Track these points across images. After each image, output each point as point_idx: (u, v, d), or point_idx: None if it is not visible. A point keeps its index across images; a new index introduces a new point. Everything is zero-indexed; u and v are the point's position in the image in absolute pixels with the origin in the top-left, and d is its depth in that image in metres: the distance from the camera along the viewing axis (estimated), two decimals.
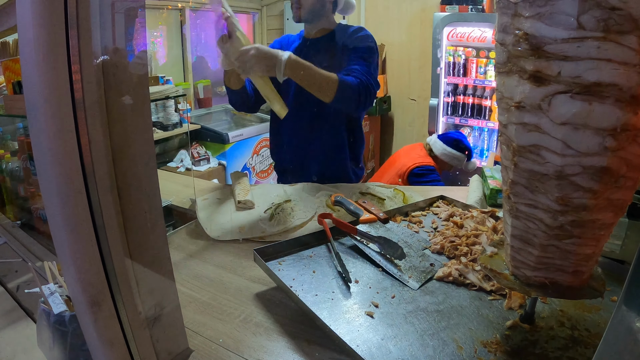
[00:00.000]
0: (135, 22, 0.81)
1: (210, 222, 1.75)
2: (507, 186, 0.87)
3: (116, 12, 0.79)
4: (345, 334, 1.03)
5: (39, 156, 0.74)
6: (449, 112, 4.96)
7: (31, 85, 0.70)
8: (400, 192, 2.02)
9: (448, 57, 4.75)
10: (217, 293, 1.31)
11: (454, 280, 1.24)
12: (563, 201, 0.78)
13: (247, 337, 1.12)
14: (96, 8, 0.74)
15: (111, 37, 0.77)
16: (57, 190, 0.73)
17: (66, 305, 0.99)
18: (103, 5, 0.76)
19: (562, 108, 0.71)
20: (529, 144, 0.78)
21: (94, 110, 0.75)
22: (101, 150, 0.77)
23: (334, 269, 1.32)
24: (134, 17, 0.81)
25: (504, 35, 0.77)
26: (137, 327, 0.88)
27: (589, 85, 0.68)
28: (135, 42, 0.81)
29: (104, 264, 0.80)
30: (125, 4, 0.81)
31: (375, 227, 1.51)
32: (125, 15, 0.80)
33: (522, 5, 0.72)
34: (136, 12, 0.82)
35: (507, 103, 0.80)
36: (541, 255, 0.87)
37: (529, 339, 1.01)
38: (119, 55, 0.79)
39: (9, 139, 2.18)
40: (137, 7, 0.83)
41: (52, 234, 0.78)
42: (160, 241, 0.92)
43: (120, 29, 0.79)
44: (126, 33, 0.80)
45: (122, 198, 0.83)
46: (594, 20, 0.64)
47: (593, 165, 0.73)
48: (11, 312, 1.30)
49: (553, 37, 0.69)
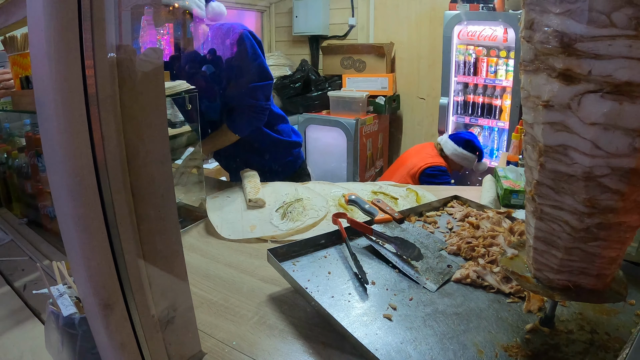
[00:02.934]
0: (151, 17, 0.80)
1: (221, 221, 1.73)
2: (531, 187, 0.85)
3: (132, 5, 0.77)
4: (364, 337, 1.01)
5: (50, 153, 0.72)
6: (459, 111, 4.93)
7: (42, 79, 0.69)
8: (413, 191, 2.01)
9: (458, 55, 4.73)
10: (230, 294, 1.30)
11: (471, 282, 1.22)
12: (590, 203, 0.76)
13: (261, 339, 1.10)
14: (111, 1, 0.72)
15: (127, 31, 0.76)
16: (69, 189, 0.72)
17: (76, 307, 0.97)
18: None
19: (592, 108, 0.69)
20: (556, 144, 0.76)
21: (108, 106, 0.73)
22: (114, 148, 0.75)
23: (349, 270, 1.30)
24: (150, 11, 0.79)
25: (531, 32, 0.75)
26: (149, 330, 0.87)
27: (619, 84, 0.66)
28: (150, 37, 0.79)
29: (116, 265, 0.78)
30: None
31: (390, 227, 1.49)
32: (140, 9, 0.78)
33: (552, 1, 0.70)
34: (151, 7, 0.80)
35: (534, 102, 0.77)
36: (565, 257, 0.85)
37: (549, 343, 1.00)
38: (134, 50, 0.77)
39: (16, 135, 2.17)
40: (152, 1, 0.81)
41: (62, 233, 0.77)
42: (174, 242, 0.91)
43: (136, 23, 0.78)
44: (142, 27, 0.78)
45: (135, 197, 0.81)
46: (626, 18, 0.63)
47: (622, 167, 0.71)
48: (18, 311, 1.28)
49: (584, 34, 0.66)
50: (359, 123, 4.95)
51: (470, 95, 4.80)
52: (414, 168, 3.41)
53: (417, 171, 3.38)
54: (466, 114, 4.88)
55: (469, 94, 4.82)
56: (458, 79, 4.81)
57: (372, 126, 5.22)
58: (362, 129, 5.01)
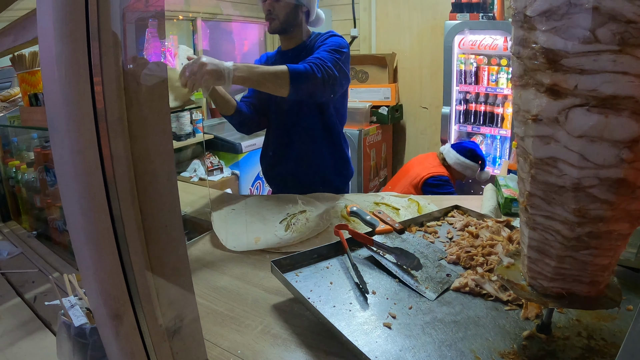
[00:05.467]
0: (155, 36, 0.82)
1: (226, 233, 1.76)
2: (524, 198, 0.87)
3: (136, 25, 0.80)
4: (364, 346, 1.03)
5: (61, 170, 0.74)
6: (461, 120, 4.94)
7: (53, 99, 0.71)
8: (415, 201, 2.03)
9: (460, 65, 4.75)
10: (235, 304, 1.32)
11: (470, 291, 1.24)
12: (580, 213, 0.78)
13: (265, 348, 1.12)
14: (117, 20, 0.75)
15: (132, 50, 0.78)
16: (80, 205, 0.74)
17: (87, 317, 1.00)
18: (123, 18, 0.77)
19: (579, 121, 0.71)
20: (546, 157, 0.78)
21: (116, 125, 0.76)
22: (123, 165, 0.78)
23: (350, 280, 1.32)
24: (154, 30, 0.82)
25: (520, 48, 0.78)
26: (157, 339, 0.89)
27: (605, 98, 0.68)
28: (154, 56, 0.82)
29: (126, 278, 0.81)
30: (145, 17, 0.82)
31: (391, 237, 1.51)
32: (144, 28, 0.81)
33: (539, 19, 0.72)
34: (155, 26, 0.83)
35: (524, 116, 0.80)
36: (558, 266, 0.87)
37: (546, 349, 1.01)
38: (139, 70, 0.80)
39: (24, 150, 2.20)
40: (156, 21, 0.84)
41: (74, 248, 0.79)
42: (180, 254, 0.93)
43: (140, 42, 0.80)
44: (146, 47, 0.81)
45: (143, 212, 0.83)
46: (610, 34, 0.65)
47: (610, 177, 0.73)
48: (29, 323, 1.31)
49: (569, 50, 0.69)
50: (362, 133, 4.96)
51: (472, 104, 4.81)
52: (416, 178, 3.42)
53: (419, 181, 3.38)
54: (468, 122, 4.89)
55: (470, 103, 4.83)
56: (460, 88, 4.82)
57: (376, 136, 5.23)
58: (365, 139, 5.02)
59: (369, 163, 5.21)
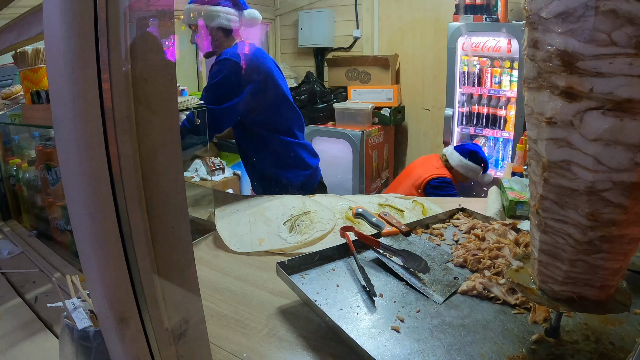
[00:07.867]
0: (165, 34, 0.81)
1: (229, 234, 1.75)
2: (535, 201, 0.87)
3: (144, 23, 0.79)
4: (373, 349, 1.02)
5: (67, 170, 0.73)
6: (464, 122, 4.94)
7: (59, 97, 0.70)
8: (419, 203, 2.02)
9: (462, 66, 4.74)
10: (240, 306, 1.31)
11: (478, 294, 1.23)
12: (593, 217, 0.77)
13: (271, 351, 1.11)
14: (126, 17, 0.74)
15: (140, 47, 0.77)
16: (86, 205, 0.73)
17: (90, 320, 0.99)
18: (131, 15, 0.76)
19: (594, 124, 0.71)
20: (559, 160, 0.77)
21: (124, 124, 0.75)
22: (130, 165, 0.77)
23: (357, 282, 1.31)
24: (162, 28, 0.81)
25: (534, 50, 0.77)
26: (163, 343, 0.88)
27: (620, 101, 0.68)
28: (164, 54, 0.81)
29: (132, 280, 0.80)
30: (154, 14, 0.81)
31: (397, 240, 1.50)
32: (153, 25, 0.80)
33: (554, 21, 0.71)
34: (164, 23, 0.82)
35: (538, 119, 0.79)
36: (569, 269, 0.86)
37: (555, 353, 1.00)
38: (148, 68, 0.79)
39: (25, 148, 2.19)
40: (165, 18, 0.83)
41: (79, 249, 0.78)
42: (187, 256, 0.92)
43: (149, 40, 0.79)
44: (155, 44, 0.80)
45: (149, 213, 0.82)
46: (627, 37, 0.64)
47: (623, 181, 0.73)
48: (30, 324, 1.29)
49: (585, 53, 0.68)
50: (364, 135, 4.96)
51: (475, 106, 4.81)
52: (419, 179, 3.41)
53: (422, 182, 3.38)
54: (471, 124, 4.88)
55: (473, 105, 4.83)
56: (462, 89, 4.82)
57: (378, 137, 5.23)
58: (367, 140, 5.02)
59: (371, 164, 5.21)
